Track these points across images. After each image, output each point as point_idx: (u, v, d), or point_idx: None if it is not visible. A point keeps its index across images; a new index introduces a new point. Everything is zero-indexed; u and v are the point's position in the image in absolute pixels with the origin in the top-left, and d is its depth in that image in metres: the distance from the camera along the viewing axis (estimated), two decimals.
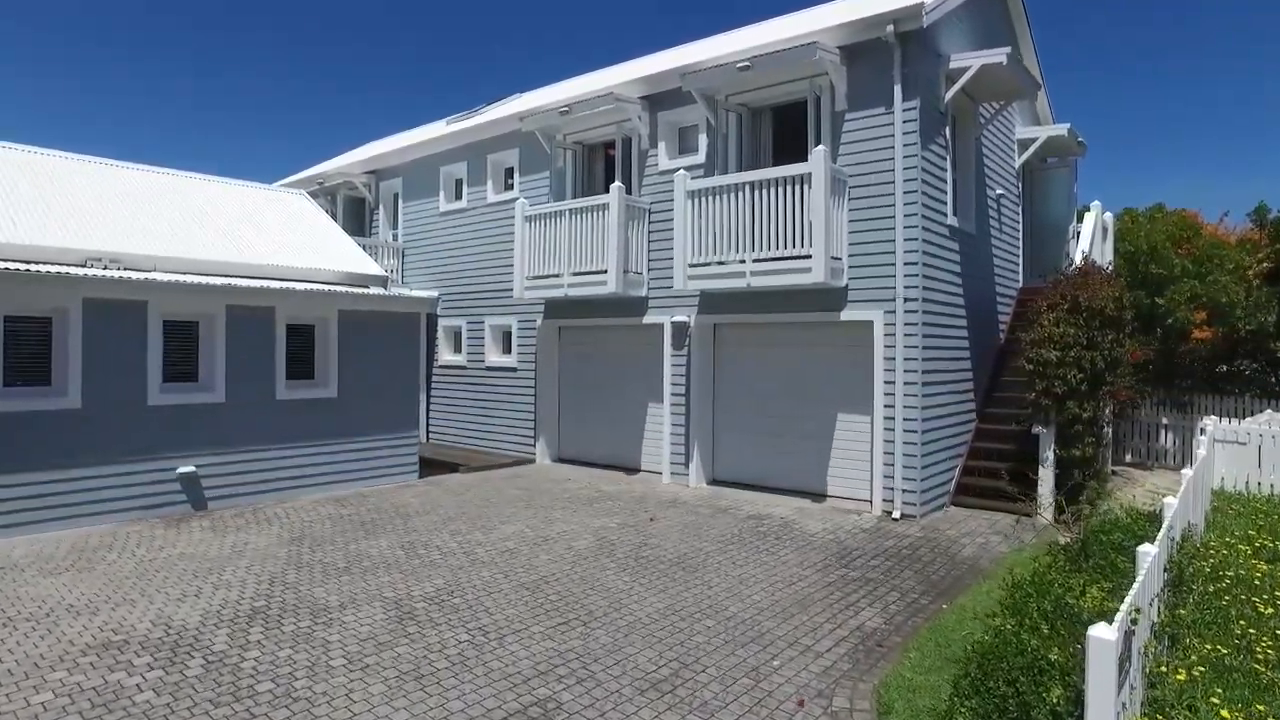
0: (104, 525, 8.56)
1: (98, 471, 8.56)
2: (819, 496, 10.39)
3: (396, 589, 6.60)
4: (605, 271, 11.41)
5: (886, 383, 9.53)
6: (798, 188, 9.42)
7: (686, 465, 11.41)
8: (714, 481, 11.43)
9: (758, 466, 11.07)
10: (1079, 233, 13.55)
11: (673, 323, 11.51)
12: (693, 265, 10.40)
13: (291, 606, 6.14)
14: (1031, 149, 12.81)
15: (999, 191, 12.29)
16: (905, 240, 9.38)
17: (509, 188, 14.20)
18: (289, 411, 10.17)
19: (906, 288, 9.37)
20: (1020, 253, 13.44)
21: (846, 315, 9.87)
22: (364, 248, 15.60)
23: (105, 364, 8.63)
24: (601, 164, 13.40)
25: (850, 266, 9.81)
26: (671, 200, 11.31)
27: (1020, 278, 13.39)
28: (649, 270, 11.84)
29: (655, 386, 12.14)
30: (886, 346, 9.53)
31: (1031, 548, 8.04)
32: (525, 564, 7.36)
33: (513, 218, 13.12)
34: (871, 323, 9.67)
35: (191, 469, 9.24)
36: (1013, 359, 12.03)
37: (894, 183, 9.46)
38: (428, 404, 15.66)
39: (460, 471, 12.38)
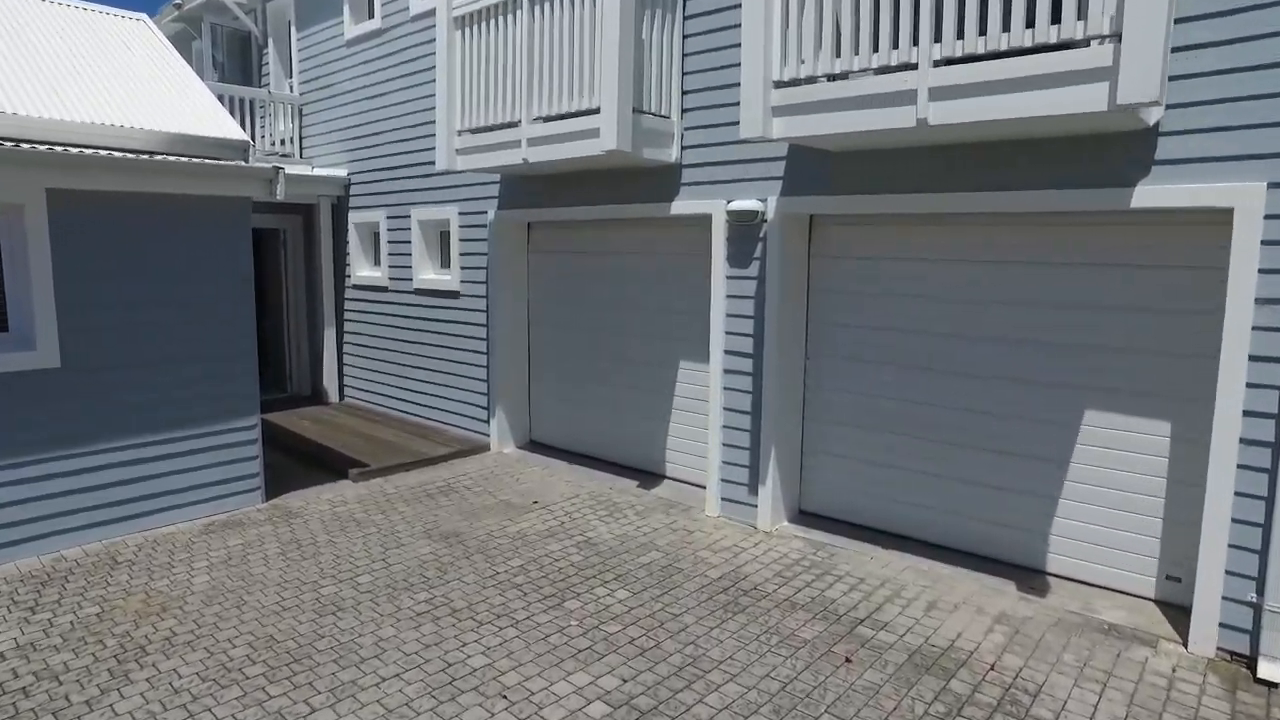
0: None
1: None
2: (1030, 573, 5.04)
3: None
4: (596, 111, 5.75)
5: (1257, 358, 3.99)
6: None
7: (754, 486, 6.04)
8: (804, 516, 6.09)
9: (893, 496, 5.69)
10: None
11: (731, 213, 5.90)
12: (781, 85, 4.73)
13: None
14: None
15: None
16: None
17: None
18: None
19: None
20: None
21: (1156, 195, 4.21)
22: (244, 105, 9.99)
23: None
24: None
25: (1172, 78, 4.10)
26: None
27: None
28: (683, 113, 6.17)
29: (695, 331, 6.67)
30: (1266, 271, 3.94)
31: None
32: None
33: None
34: (1230, 211, 4.02)
35: None
36: None
37: None
38: (339, 345, 10.32)
39: (352, 478, 7.14)
